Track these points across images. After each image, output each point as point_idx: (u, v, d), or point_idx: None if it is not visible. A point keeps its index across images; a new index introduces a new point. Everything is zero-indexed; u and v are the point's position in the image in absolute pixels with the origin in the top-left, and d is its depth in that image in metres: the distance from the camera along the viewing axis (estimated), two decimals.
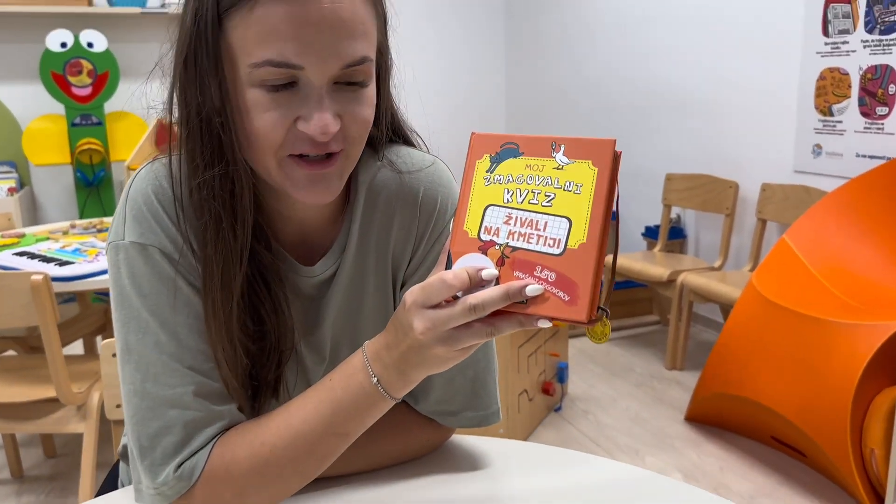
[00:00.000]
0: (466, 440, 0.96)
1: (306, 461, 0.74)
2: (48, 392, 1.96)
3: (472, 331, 0.63)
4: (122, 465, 1.03)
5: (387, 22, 0.76)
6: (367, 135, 0.75)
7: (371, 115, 0.73)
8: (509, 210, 0.66)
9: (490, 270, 0.64)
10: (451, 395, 0.89)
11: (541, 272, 0.63)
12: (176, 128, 0.75)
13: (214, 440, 0.75)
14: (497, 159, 0.68)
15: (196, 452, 0.74)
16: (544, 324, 0.63)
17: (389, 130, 0.87)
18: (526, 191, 0.65)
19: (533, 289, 0.62)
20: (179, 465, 0.73)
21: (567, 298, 0.62)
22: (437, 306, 0.64)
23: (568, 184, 0.64)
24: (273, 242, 0.80)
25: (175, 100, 0.73)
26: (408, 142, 0.90)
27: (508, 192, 0.66)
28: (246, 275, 0.76)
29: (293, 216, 0.81)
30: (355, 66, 0.69)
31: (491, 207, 0.67)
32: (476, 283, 0.64)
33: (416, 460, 0.91)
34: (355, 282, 0.86)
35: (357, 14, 0.68)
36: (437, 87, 5.00)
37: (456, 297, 0.63)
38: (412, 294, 0.65)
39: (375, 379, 0.70)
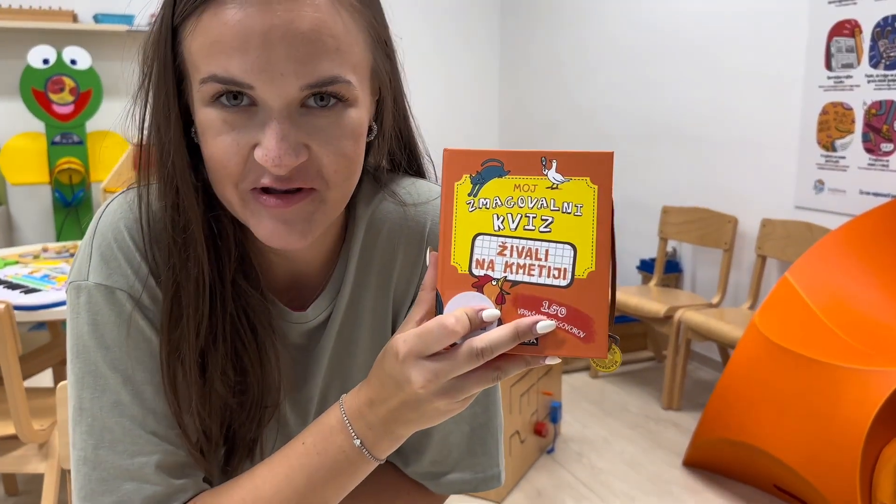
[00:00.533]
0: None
1: None
2: (7, 429, 1.83)
3: (476, 377, 0.56)
4: None
5: (385, 36, 0.66)
6: (352, 174, 0.63)
7: (351, 149, 0.61)
8: (502, 239, 0.57)
9: (491, 311, 0.56)
10: (446, 454, 0.78)
11: (549, 307, 0.56)
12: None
13: None
14: (479, 180, 0.58)
15: None
16: (553, 360, 0.56)
17: (405, 158, 0.77)
18: (519, 215, 0.57)
19: (544, 325, 0.55)
20: None
21: (582, 335, 0.55)
22: (435, 355, 0.55)
23: (566, 205, 0.56)
24: (266, 283, 0.70)
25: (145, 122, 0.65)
26: (419, 171, 0.79)
27: (498, 218, 0.57)
28: (231, 316, 0.66)
29: (282, 256, 0.71)
30: (322, 86, 0.58)
31: (480, 237, 0.57)
32: (476, 326, 0.55)
33: None
34: (349, 327, 0.75)
35: (325, 25, 0.57)
36: (428, 114, 4.91)
37: (454, 343, 0.55)
38: (406, 343, 0.55)
39: (359, 441, 0.61)
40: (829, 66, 2.85)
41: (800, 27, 2.95)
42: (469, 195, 0.57)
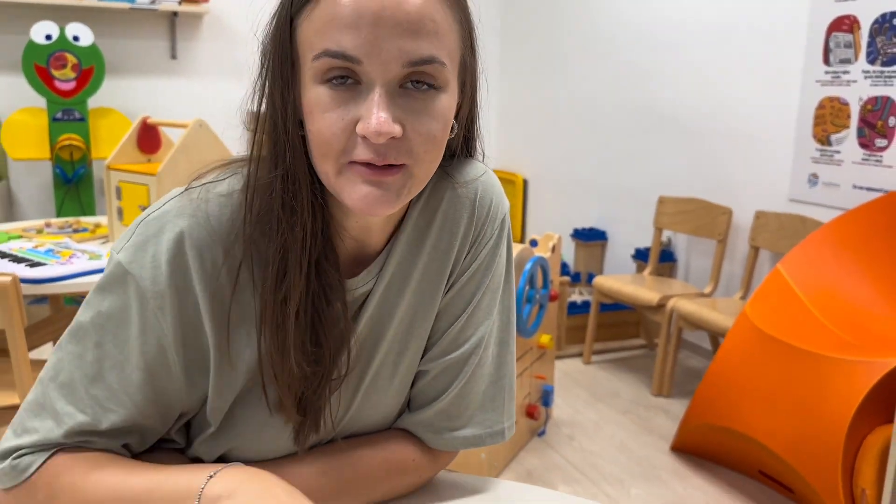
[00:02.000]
0: (443, 476, 0.88)
1: None
2: (11, 399, 1.87)
3: None
4: None
5: (472, 35, 0.72)
6: (438, 155, 0.69)
7: (439, 132, 0.67)
8: None
9: None
10: (462, 409, 0.82)
11: None
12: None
13: (56, 451, 0.71)
14: None
15: (37, 452, 0.71)
16: None
17: (464, 146, 0.82)
18: None
19: None
20: (17, 458, 0.71)
21: None
22: None
23: None
24: (336, 254, 0.74)
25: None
26: (470, 152, 0.85)
27: None
28: (313, 292, 0.71)
29: (353, 232, 0.75)
30: (421, 65, 0.63)
31: None
32: None
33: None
34: (389, 300, 0.79)
35: (426, 10, 0.63)
36: None
37: None
38: None
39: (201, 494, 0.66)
40: (826, 61, 2.88)
41: (799, 21, 2.98)
42: None
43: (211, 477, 0.67)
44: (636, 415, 2.97)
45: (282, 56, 0.66)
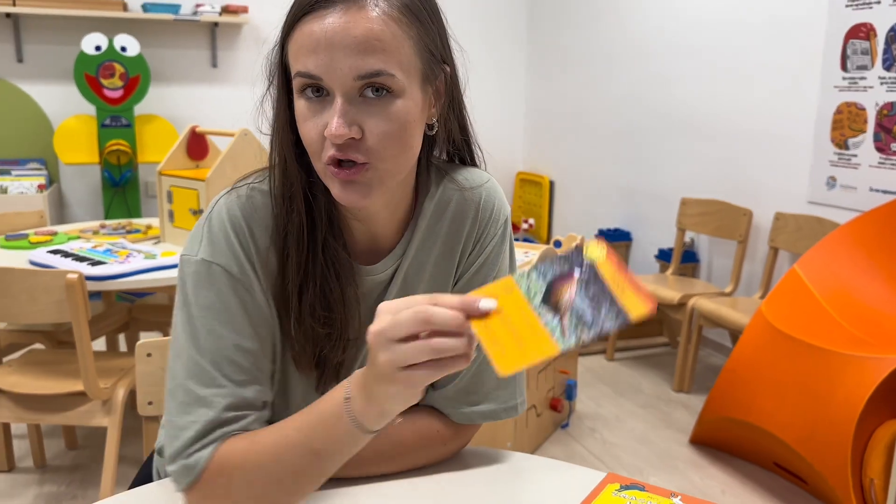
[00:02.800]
0: (474, 451, 1.02)
1: (284, 472, 0.77)
2: (76, 386, 2.04)
3: (427, 369, 0.65)
4: (156, 457, 1.09)
5: (437, 47, 0.84)
6: (401, 151, 0.80)
7: (396, 131, 0.78)
8: None
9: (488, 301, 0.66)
10: (479, 385, 0.96)
11: None
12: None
13: (219, 442, 0.81)
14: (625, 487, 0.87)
15: (206, 446, 0.80)
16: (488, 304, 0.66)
17: (466, 152, 0.98)
18: None
19: (487, 303, 0.65)
20: (190, 455, 0.80)
21: None
22: (406, 339, 0.65)
23: None
24: (345, 239, 0.91)
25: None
26: (474, 162, 1.00)
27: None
28: (321, 265, 0.86)
29: (361, 221, 0.91)
30: (370, 77, 0.76)
31: None
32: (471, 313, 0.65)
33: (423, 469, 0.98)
34: (410, 283, 0.95)
35: (373, 33, 0.76)
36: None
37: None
38: (380, 321, 0.66)
39: (349, 407, 0.72)
40: (844, 68, 2.96)
41: (818, 29, 3.07)
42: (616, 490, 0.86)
43: (347, 389, 0.74)
44: (657, 409, 3.08)
45: (277, 74, 0.84)
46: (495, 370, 0.63)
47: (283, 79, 0.84)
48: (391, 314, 0.66)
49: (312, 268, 0.86)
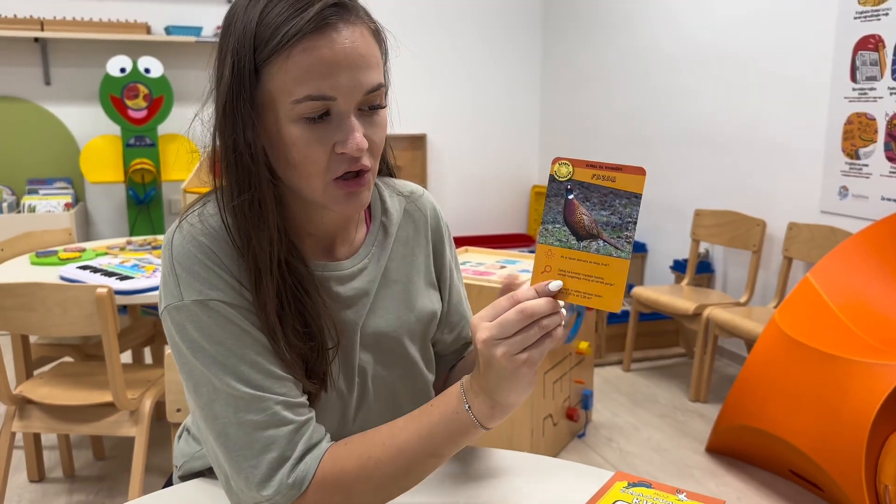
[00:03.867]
0: (484, 451, 1.07)
1: (405, 477, 0.83)
2: (104, 397, 2.11)
3: (541, 344, 0.74)
4: (176, 443, 1.14)
5: (388, 56, 0.90)
6: (380, 154, 0.88)
7: (384, 137, 0.87)
8: None
9: (557, 283, 0.75)
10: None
11: None
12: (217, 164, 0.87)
13: (317, 447, 0.84)
14: (633, 484, 0.91)
15: (301, 460, 0.83)
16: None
17: (384, 164, 1.06)
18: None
19: (555, 283, 0.75)
20: (291, 472, 0.82)
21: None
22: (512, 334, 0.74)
23: None
24: (305, 255, 0.91)
25: (217, 140, 0.84)
26: (391, 172, 1.07)
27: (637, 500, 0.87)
28: (290, 285, 0.86)
29: (318, 230, 0.94)
30: (374, 91, 0.81)
31: (620, 503, 0.86)
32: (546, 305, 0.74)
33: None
34: (395, 285, 1.00)
35: (370, 48, 0.81)
36: (472, 116, 5.15)
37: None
38: (488, 330, 0.74)
39: (468, 406, 0.79)
40: (853, 79, 3.00)
41: (827, 41, 3.11)
42: (624, 487, 0.90)
43: (462, 390, 0.81)
44: (673, 419, 3.10)
45: (244, 99, 0.78)
46: (611, 310, 0.74)
47: (249, 97, 0.79)
48: (488, 320, 0.74)
49: (284, 291, 0.85)
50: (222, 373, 0.82)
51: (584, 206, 0.74)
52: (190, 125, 0.88)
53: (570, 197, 0.75)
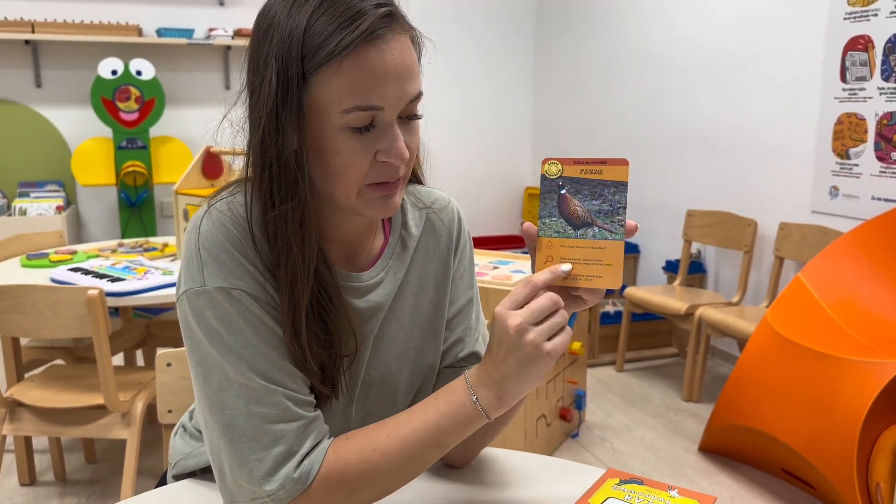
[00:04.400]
0: (486, 451, 1.07)
1: (410, 468, 0.84)
2: (96, 399, 2.10)
3: (558, 319, 0.78)
4: (171, 441, 1.14)
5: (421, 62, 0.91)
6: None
7: (419, 145, 0.87)
8: None
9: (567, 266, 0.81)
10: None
11: None
12: (246, 169, 0.86)
13: (321, 443, 0.84)
14: (625, 481, 0.93)
15: (307, 455, 0.82)
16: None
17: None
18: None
19: (566, 266, 0.80)
20: (297, 467, 0.81)
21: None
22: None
23: None
24: (330, 261, 0.91)
25: (253, 146, 0.82)
26: (420, 180, 1.06)
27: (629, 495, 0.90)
28: (314, 292, 0.86)
29: (342, 235, 0.93)
30: (415, 100, 0.83)
31: (612, 500, 0.89)
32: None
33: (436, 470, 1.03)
34: (417, 294, 1.00)
35: (413, 58, 0.82)
36: (465, 116, 5.16)
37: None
38: (517, 317, 0.77)
39: (475, 398, 0.81)
40: (843, 79, 3.01)
41: (817, 42, 3.12)
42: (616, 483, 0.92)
43: (467, 381, 0.83)
44: (666, 418, 3.11)
45: (291, 107, 0.78)
46: (610, 289, 0.81)
47: (296, 107, 0.79)
48: (513, 308, 0.78)
49: (309, 298, 0.85)
50: (238, 362, 0.81)
51: (577, 198, 0.81)
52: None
53: (563, 192, 0.82)
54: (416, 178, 1.05)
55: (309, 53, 0.77)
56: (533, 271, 0.84)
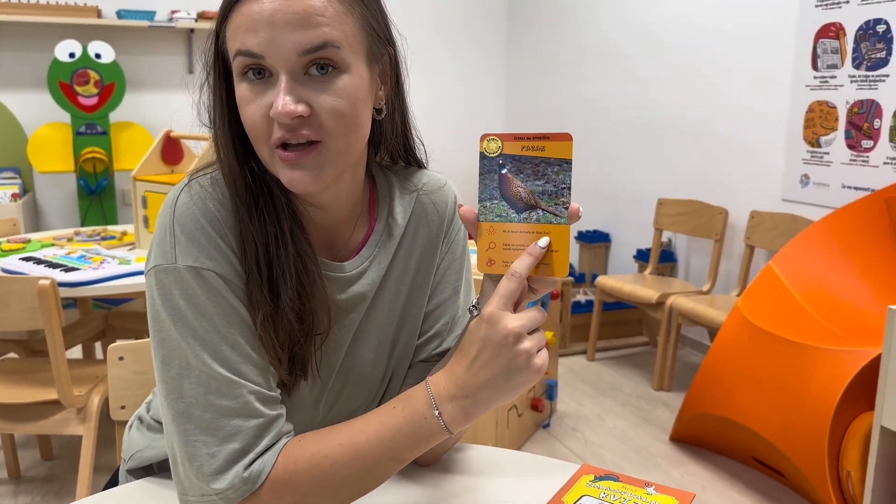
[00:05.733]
0: (458, 447, 1.02)
1: (363, 480, 0.78)
2: (50, 394, 2.01)
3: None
4: (123, 465, 1.07)
5: (379, 26, 0.82)
6: (351, 129, 0.78)
7: (346, 107, 0.76)
8: None
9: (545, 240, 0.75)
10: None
11: None
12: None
13: (276, 444, 0.79)
14: (600, 478, 0.89)
15: (261, 456, 0.78)
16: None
17: (402, 152, 0.96)
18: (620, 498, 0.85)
19: (543, 241, 0.75)
20: (248, 467, 0.76)
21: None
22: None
23: (654, 502, 0.83)
24: (307, 232, 0.86)
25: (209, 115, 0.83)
26: (418, 162, 0.99)
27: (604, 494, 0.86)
28: (293, 256, 0.81)
29: (319, 216, 0.87)
30: (314, 51, 0.74)
31: (586, 497, 0.85)
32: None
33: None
34: (398, 286, 0.94)
35: (315, 9, 0.74)
36: (436, 107, 5.09)
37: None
38: (516, 320, 0.73)
39: (437, 412, 0.75)
40: (815, 67, 3.00)
41: (788, 29, 3.11)
42: (591, 481, 0.89)
43: (430, 394, 0.76)
44: (637, 408, 3.09)
45: (214, 63, 0.81)
46: (557, 278, 0.75)
47: (222, 69, 0.81)
48: (509, 305, 0.73)
49: (286, 259, 0.81)
50: (200, 349, 0.77)
51: (518, 178, 0.75)
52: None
53: (504, 171, 0.75)
54: (414, 161, 0.99)
55: (222, 8, 0.79)
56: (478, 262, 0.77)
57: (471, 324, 0.76)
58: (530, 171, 0.74)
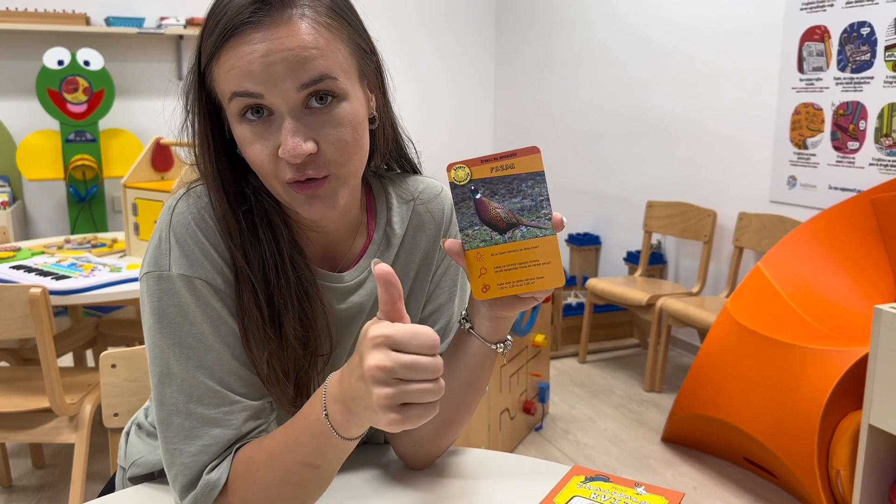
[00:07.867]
0: (452, 451, 1.03)
1: (285, 486, 0.76)
2: (41, 402, 2.01)
3: (418, 390, 0.63)
4: (123, 441, 1.08)
5: (363, 41, 0.82)
6: (356, 153, 0.79)
7: (349, 135, 0.76)
8: None
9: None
10: None
11: None
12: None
13: (232, 450, 0.80)
14: (590, 479, 0.89)
15: (218, 465, 0.79)
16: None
17: (395, 157, 0.96)
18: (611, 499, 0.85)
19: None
20: (210, 473, 0.78)
21: None
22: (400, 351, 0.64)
23: (644, 502, 0.84)
24: (306, 255, 0.87)
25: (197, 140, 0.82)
26: (415, 169, 0.99)
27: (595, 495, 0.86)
28: (294, 284, 0.82)
29: (316, 231, 0.88)
30: (313, 85, 0.73)
31: (577, 498, 0.85)
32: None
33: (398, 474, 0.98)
34: (374, 292, 0.93)
35: (307, 42, 0.73)
36: (426, 111, 5.11)
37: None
38: (388, 328, 0.65)
39: (325, 413, 0.71)
40: (801, 69, 3.03)
41: (775, 32, 3.14)
42: (582, 482, 0.89)
43: (324, 393, 0.72)
44: (628, 409, 3.11)
45: (198, 103, 0.79)
46: (554, 288, 0.74)
47: (207, 109, 0.80)
48: (388, 350, 0.64)
49: (286, 289, 0.81)
50: (185, 358, 0.78)
51: (494, 199, 0.74)
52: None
53: (478, 196, 0.75)
54: (408, 165, 0.99)
55: (208, 48, 0.76)
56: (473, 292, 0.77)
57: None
58: (505, 191, 0.74)
